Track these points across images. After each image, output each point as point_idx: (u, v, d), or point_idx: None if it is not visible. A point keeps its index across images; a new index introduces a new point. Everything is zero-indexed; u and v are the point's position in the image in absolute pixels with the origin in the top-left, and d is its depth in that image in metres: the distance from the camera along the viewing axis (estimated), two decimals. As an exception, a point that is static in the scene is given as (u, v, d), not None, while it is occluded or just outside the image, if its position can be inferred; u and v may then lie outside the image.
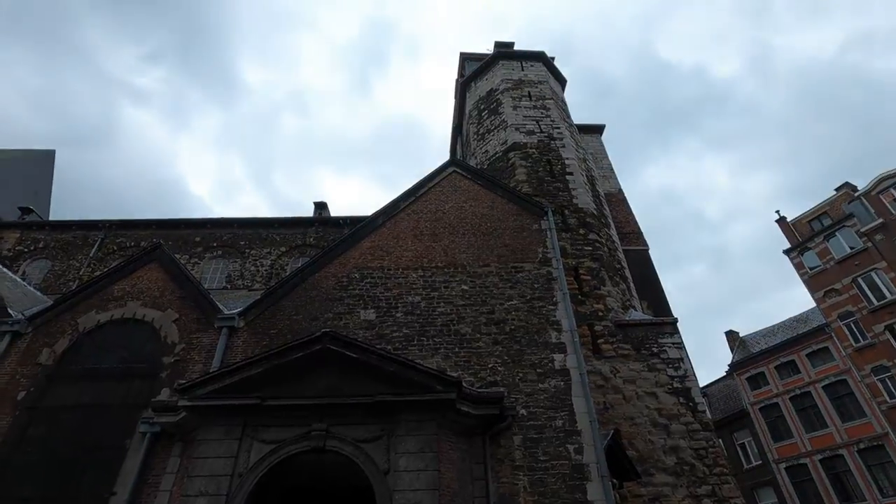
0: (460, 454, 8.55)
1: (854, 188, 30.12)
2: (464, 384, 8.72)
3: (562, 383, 9.86)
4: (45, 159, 27.03)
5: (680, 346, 16.13)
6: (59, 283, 17.10)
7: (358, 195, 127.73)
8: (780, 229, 32.27)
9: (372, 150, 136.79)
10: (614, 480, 10.15)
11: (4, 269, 13.58)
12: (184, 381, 8.43)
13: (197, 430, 8.29)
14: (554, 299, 11.05)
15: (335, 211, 23.42)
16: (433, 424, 8.24)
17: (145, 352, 10.34)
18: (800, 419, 27.41)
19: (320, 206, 22.80)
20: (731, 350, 33.17)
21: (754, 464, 28.82)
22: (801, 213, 32.60)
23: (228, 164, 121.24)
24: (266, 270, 18.43)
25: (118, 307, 10.91)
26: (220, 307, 10.78)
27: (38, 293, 13.97)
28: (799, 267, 30.19)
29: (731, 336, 33.92)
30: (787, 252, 31.08)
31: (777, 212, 33.14)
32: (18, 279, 14.24)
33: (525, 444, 9.12)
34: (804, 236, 30.74)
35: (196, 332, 10.50)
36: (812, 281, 29.23)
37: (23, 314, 10.78)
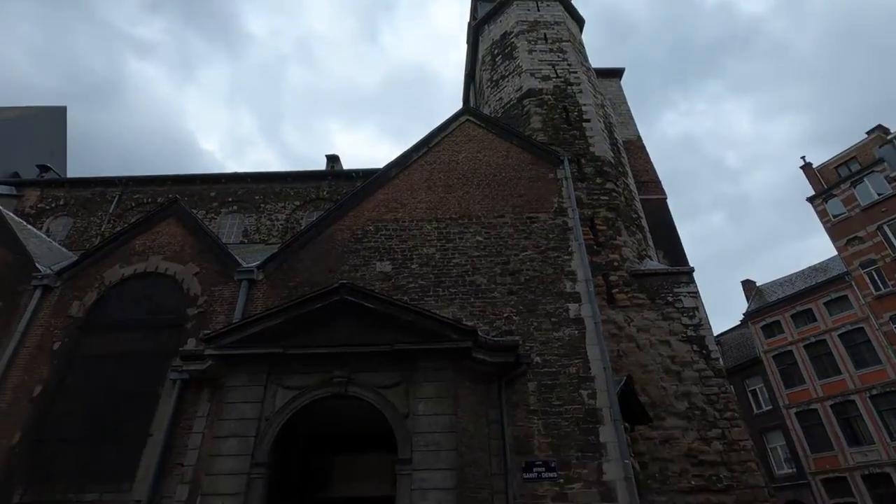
0: (476, 399, 8.82)
1: (886, 131, 28.78)
2: (479, 333, 8.88)
3: (576, 332, 9.97)
4: (57, 116, 26.99)
5: (695, 295, 16.11)
6: (82, 239, 17.49)
7: (368, 148, 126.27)
8: (804, 176, 31.26)
9: (381, 100, 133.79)
10: (626, 424, 10.45)
11: (29, 227, 13.91)
12: (209, 332, 8.72)
13: (224, 377, 8.66)
14: (569, 249, 11.00)
15: (347, 164, 23.24)
16: (450, 372, 8.47)
17: (170, 304, 10.67)
18: (813, 366, 27.60)
19: (332, 160, 22.62)
20: (747, 299, 33.06)
21: (764, 409, 29.38)
22: (827, 158, 31.44)
23: (237, 118, 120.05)
24: (281, 225, 18.57)
25: (140, 261, 11.17)
26: (239, 260, 10.96)
27: (64, 249, 14.35)
28: (822, 215, 29.45)
29: (748, 285, 33.72)
30: (810, 199, 30.24)
31: (802, 157, 31.93)
32: (44, 236, 14.60)
33: (539, 390, 9.36)
34: (830, 183, 29.78)
35: (217, 285, 10.76)
36: (835, 229, 28.57)
37: (51, 269, 11.11)
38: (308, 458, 10.04)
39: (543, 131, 17.08)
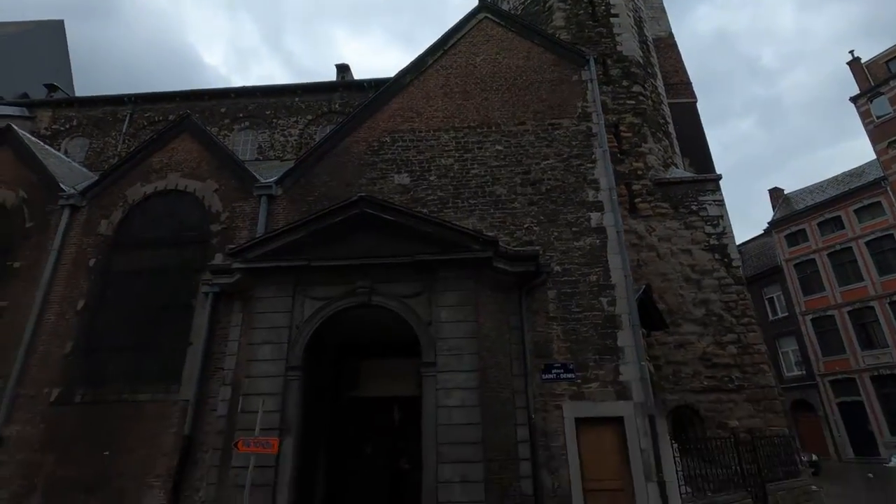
0: (497, 306, 9.04)
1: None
2: (500, 243, 8.87)
3: (597, 241, 9.90)
4: (55, 30, 25.91)
5: (720, 203, 15.71)
6: (100, 160, 17.50)
7: (377, 57, 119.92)
8: (850, 72, 28.86)
9: (389, 0, 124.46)
10: (643, 330, 10.69)
11: (48, 147, 13.91)
12: (233, 246, 8.91)
13: (253, 290, 8.97)
14: (592, 157, 10.60)
15: (357, 74, 22.17)
16: (471, 281, 8.60)
17: (193, 221, 10.84)
18: (835, 274, 27.44)
19: (342, 69, 21.56)
20: (773, 208, 32.21)
21: (780, 316, 29.77)
22: (877, 52, 28.76)
23: (238, 26, 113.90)
24: (295, 140, 18.22)
25: (160, 179, 11.20)
26: (257, 176, 10.90)
27: (84, 168, 14.44)
28: (865, 115, 27.59)
29: (776, 193, 32.68)
30: (854, 99, 28.18)
31: (850, 52, 29.22)
32: (62, 156, 14.64)
33: (559, 298, 9.52)
34: (878, 80, 27.50)
35: (237, 201, 10.82)
36: (877, 130, 26.88)
37: (74, 189, 11.25)
38: (338, 364, 10.66)
39: (567, 29, 15.81)
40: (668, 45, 21.05)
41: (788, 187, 38.39)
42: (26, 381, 9.67)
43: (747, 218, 78.47)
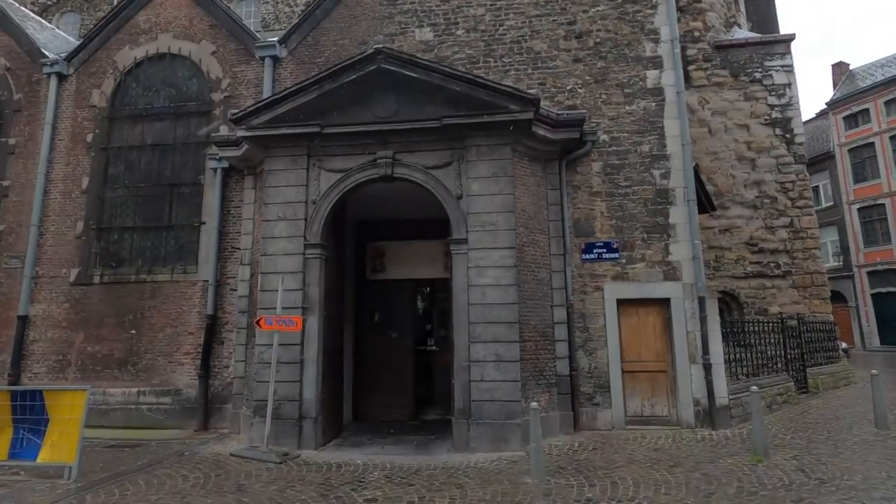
0: (535, 180, 8.04)
1: None
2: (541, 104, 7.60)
3: (653, 104, 8.50)
4: None
5: (790, 69, 13.67)
6: (90, 32, 15.95)
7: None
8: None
9: None
10: (694, 208, 9.64)
11: (25, 9, 12.40)
12: (236, 111, 7.84)
13: (263, 163, 8.09)
14: (653, 1, 8.77)
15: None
16: (507, 149, 7.52)
17: (192, 90, 9.70)
18: (894, 159, 25.18)
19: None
20: (834, 86, 28.89)
21: (824, 206, 28.03)
22: None
23: None
24: (301, 10, 16.13)
25: (150, 41, 9.86)
26: (257, 35, 9.47)
27: (66, 34, 13.04)
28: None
29: (839, 68, 29.08)
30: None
31: None
32: (43, 21, 13.16)
33: (605, 171, 8.43)
34: None
35: (238, 66, 9.54)
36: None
37: (59, 55, 10.04)
38: (361, 246, 10.07)
39: None
40: None
41: (856, 63, 34.15)
42: (43, 262, 9.39)
43: (802, 98, 72.05)
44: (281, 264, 7.59)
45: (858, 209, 26.60)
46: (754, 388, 6.40)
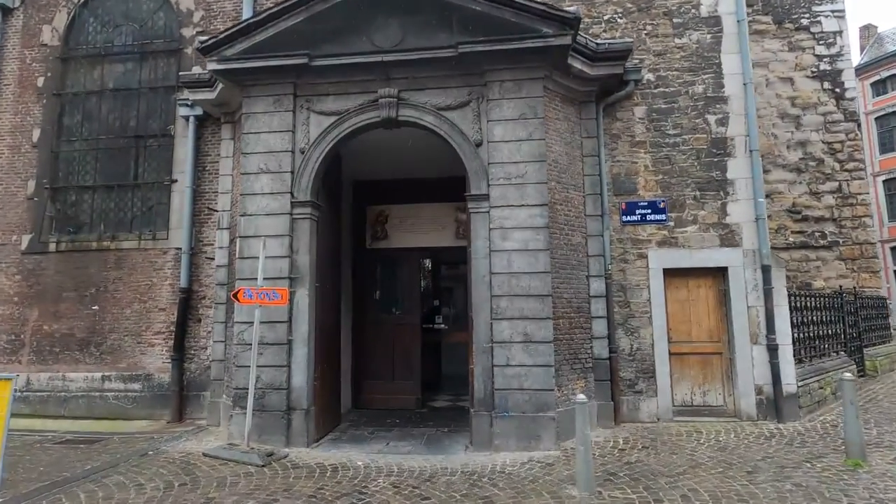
0: (568, 125, 6.69)
1: None
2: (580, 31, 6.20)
3: (708, 36, 7.10)
4: None
5: (841, 14, 12.11)
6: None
7: None
8: None
9: None
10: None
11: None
12: (206, 37, 6.43)
13: (242, 106, 6.71)
14: (709, -89, 7.27)
15: None
16: (538, 85, 6.15)
17: (159, 25, 8.25)
18: (926, 127, 23.76)
19: None
20: (861, 50, 27.19)
21: (847, 177, 26.68)
22: None
23: None
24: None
25: (108, -34, 8.36)
26: (234, -43, 7.97)
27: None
28: None
29: (867, 31, 27.35)
30: None
31: None
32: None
33: (649, 117, 7.07)
34: None
35: (213, -5, 8.07)
36: None
37: (0, -16, 8.55)
38: (360, 209, 8.77)
39: None
40: None
41: (884, 25, 32.29)
42: (-10, 227, 8.10)
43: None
44: (263, 226, 6.29)
45: (883, 181, 25.27)
46: (847, 374, 5.18)
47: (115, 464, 5.28)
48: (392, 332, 8.51)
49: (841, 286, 10.34)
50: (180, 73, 7.34)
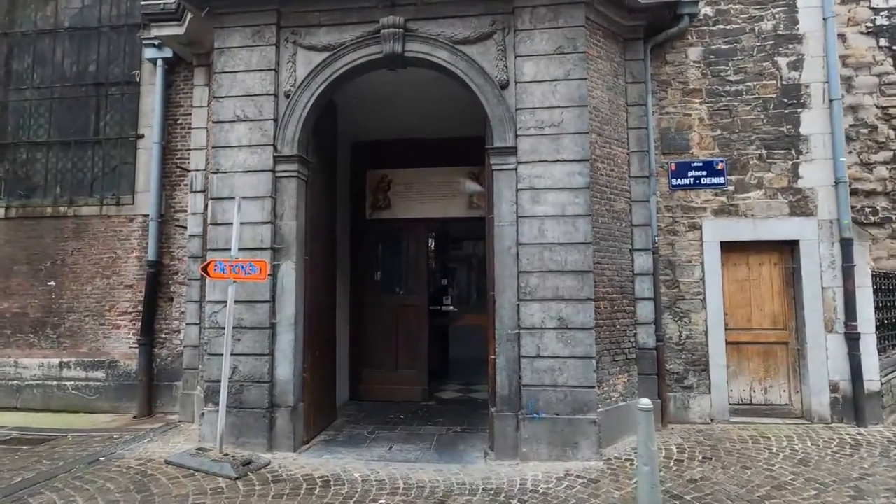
0: (611, 67, 5.51)
1: None
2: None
3: (779, -38, 5.88)
4: None
5: (902, -38, 10.71)
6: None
7: None
8: None
9: None
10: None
11: None
12: (166, -49, 5.22)
13: (216, 39, 5.52)
14: None
15: None
16: (578, 11, 4.96)
17: (122, -49, 6.99)
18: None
19: None
20: None
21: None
22: None
23: None
24: None
25: None
26: None
27: None
28: None
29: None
30: None
31: None
32: None
33: (706, 60, 5.90)
34: None
35: (184, -85, 6.79)
36: None
37: None
38: (359, 174, 7.64)
39: None
40: None
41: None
42: (-71, 190, 6.99)
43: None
44: (240, 186, 5.18)
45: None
46: (971, 373, 4.12)
47: (53, 475, 4.26)
48: (395, 314, 7.45)
49: (875, 269, 9.18)
50: (142, 3, 6.12)
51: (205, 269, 4.80)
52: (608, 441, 4.77)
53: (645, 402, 3.42)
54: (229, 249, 4.80)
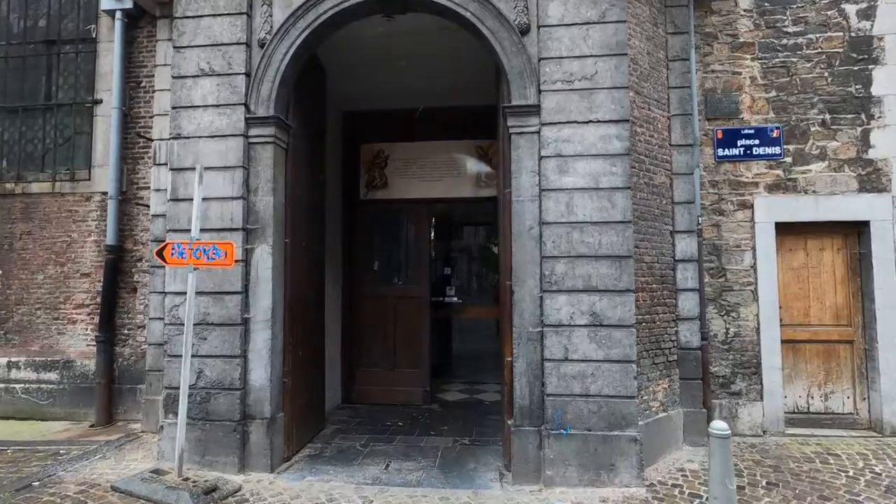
0: (650, 13, 4.62)
1: None
2: None
3: None
4: None
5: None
6: None
7: None
8: None
9: None
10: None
11: None
12: None
13: (177, -16, 4.61)
14: None
15: None
16: (614, -62, 4.06)
17: None
18: None
19: None
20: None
21: None
22: None
23: None
24: None
25: None
26: None
27: None
28: None
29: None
30: None
31: None
32: None
33: (759, 8, 5.01)
34: None
35: None
36: None
37: None
38: (353, 148, 6.78)
39: None
40: None
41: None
42: None
43: None
44: (205, 153, 4.31)
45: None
46: None
47: (-32, 507, 3.45)
48: (393, 307, 6.63)
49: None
50: (93, -60, 5.20)
51: (160, 254, 3.94)
52: (648, 460, 3.96)
53: (720, 427, 2.61)
54: (188, 230, 3.95)
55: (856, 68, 4.85)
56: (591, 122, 3.97)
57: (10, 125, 5.94)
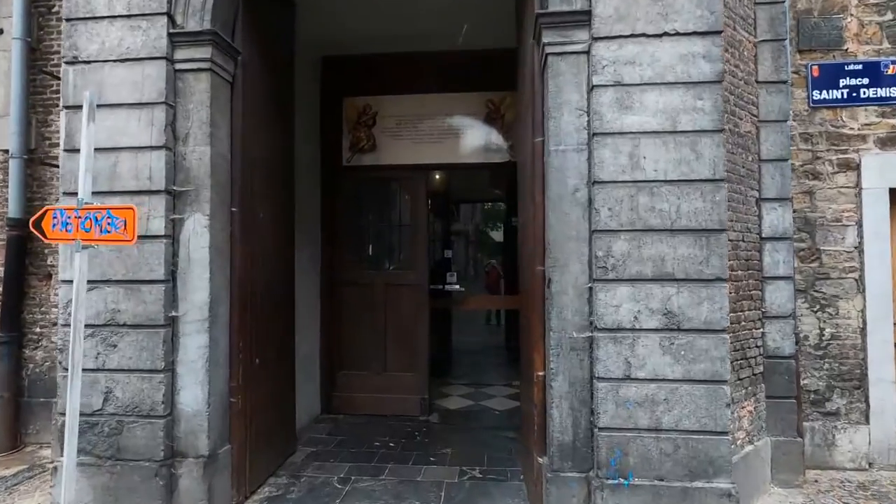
0: None
1: None
2: None
3: None
4: None
5: None
6: None
7: None
8: None
9: None
10: None
11: None
12: None
13: None
14: None
15: None
16: None
17: None
18: None
19: None
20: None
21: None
22: None
23: None
24: None
25: None
26: None
27: None
28: None
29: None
30: None
31: None
32: None
33: None
34: None
35: None
36: None
37: None
38: (333, 102, 5.49)
39: None
40: None
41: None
42: None
43: None
44: (111, 84, 3.05)
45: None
46: None
47: None
48: (383, 296, 5.42)
49: None
50: None
51: (38, 225, 2.69)
52: (738, 515, 2.82)
53: None
54: (103, 192, 2.71)
55: None
56: (666, 34, 2.73)
57: None
